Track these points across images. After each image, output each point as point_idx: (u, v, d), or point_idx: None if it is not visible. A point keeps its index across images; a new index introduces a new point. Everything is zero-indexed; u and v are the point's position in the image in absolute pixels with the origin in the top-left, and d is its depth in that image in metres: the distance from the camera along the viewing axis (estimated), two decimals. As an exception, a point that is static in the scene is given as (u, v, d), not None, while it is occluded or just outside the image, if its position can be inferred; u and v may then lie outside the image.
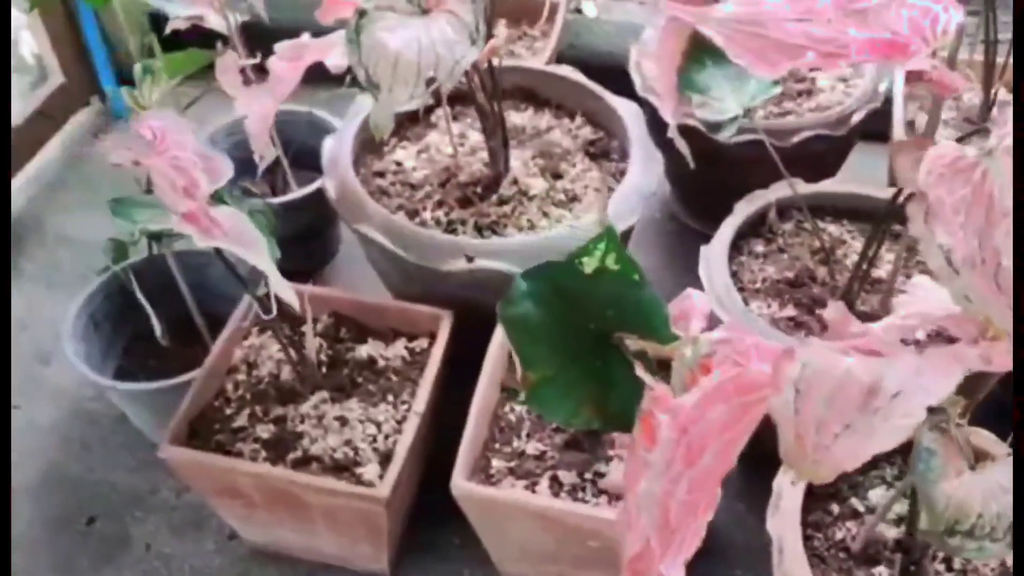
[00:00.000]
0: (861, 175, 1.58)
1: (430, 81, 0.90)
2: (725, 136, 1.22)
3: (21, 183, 1.74)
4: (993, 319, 0.84)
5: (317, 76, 1.15)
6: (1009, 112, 0.82)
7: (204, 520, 1.24)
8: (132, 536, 1.23)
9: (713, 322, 1.21)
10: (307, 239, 1.47)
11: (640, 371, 0.74)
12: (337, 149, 1.27)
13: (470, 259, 1.13)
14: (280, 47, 1.03)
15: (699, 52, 1.28)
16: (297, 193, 1.42)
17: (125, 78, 1.96)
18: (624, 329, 0.78)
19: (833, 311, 0.72)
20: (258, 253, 0.75)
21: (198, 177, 0.71)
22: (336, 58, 0.99)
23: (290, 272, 1.54)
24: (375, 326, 1.17)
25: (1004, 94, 1.48)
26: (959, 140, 0.99)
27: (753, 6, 0.94)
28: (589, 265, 0.75)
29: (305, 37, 1.05)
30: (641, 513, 0.72)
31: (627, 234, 1.24)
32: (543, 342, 0.74)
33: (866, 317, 1.17)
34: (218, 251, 0.99)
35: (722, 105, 1.24)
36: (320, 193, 1.45)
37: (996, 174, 0.81)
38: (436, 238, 1.15)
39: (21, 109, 1.77)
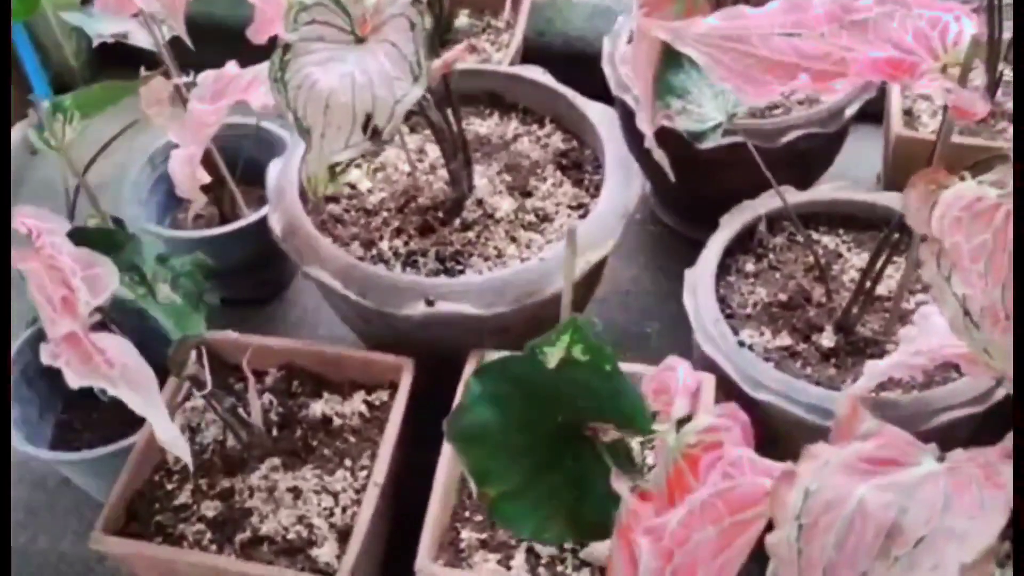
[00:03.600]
0: (853, 163, 1.47)
1: (368, 125, 0.78)
2: (707, 145, 1.11)
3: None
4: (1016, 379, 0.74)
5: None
6: None
7: (159, 587, 1.14)
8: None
9: (699, 359, 1.11)
10: (259, 267, 1.36)
11: (615, 480, 0.63)
12: (283, 177, 1.15)
13: (430, 303, 1.02)
14: (203, 80, 0.91)
15: (677, 53, 1.16)
16: (247, 220, 1.30)
17: (64, 84, 1.83)
18: (599, 418, 0.68)
19: (843, 406, 0.62)
20: (147, 398, 0.63)
21: (77, 287, 0.60)
22: (260, 97, 0.87)
23: (240, 302, 1.46)
24: (331, 378, 1.06)
25: (1010, 74, 1.36)
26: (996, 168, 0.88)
27: (737, 19, 0.83)
28: (553, 356, 0.64)
29: (230, 67, 0.93)
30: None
31: (603, 260, 1.13)
32: (503, 451, 0.64)
33: (868, 343, 1.07)
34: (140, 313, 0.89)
35: (703, 112, 1.12)
36: (273, 217, 1.34)
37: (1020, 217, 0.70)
38: (394, 280, 1.04)
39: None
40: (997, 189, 0.72)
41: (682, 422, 0.70)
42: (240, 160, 1.38)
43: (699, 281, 1.10)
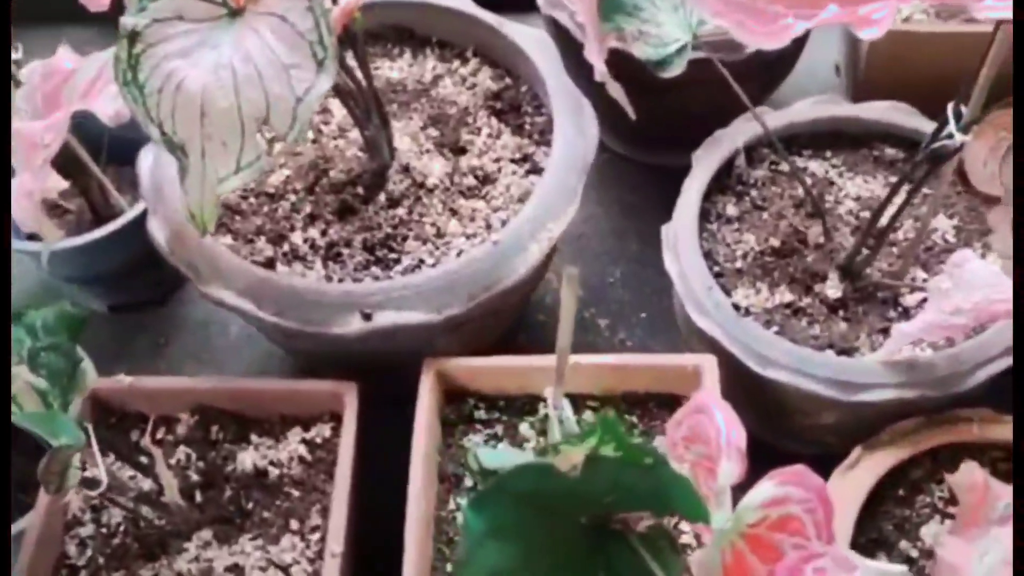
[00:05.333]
0: (806, 56, 1.28)
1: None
2: (674, 72, 0.93)
3: None
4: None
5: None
6: None
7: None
8: None
9: (688, 330, 0.95)
10: (149, 267, 1.13)
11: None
12: (159, 171, 0.92)
13: (367, 316, 0.83)
14: (28, 80, 0.68)
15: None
16: (125, 218, 1.07)
17: None
18: (631, 509, 0.52)
19: (967, 481, 0.46)
20: None
21: None
22: (110, 102, 0.65)
23: (133, 307, 1.23)
24: (257, 415, 0.87)
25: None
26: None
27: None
28: (572, 458, 0.47)
29: (62, 56, 0.70)
30: None
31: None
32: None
33: (879, 287, 0.93)
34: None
35: (662, 32, 0.93)
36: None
37: None
38: (318, 292, 0.84)
39: None
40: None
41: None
42: (105, 137, 1.13)
43: (680, 239, 0.93)
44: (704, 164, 0.99)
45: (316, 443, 0.85)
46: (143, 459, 0.78)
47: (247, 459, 0.84)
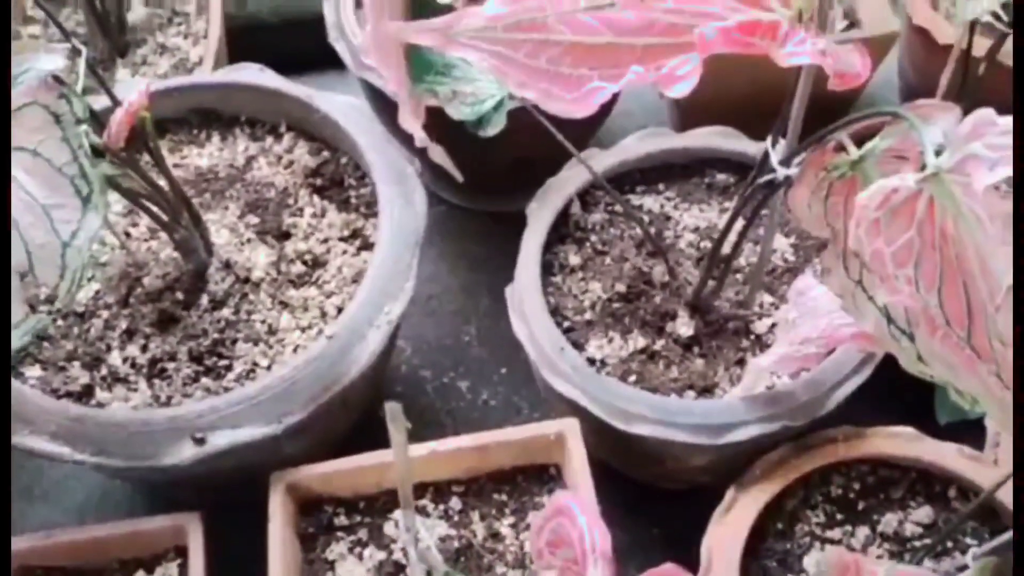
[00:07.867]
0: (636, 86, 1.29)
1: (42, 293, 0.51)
2: (494, 130, 0.90)
3: None
4: (969, 390, 0.60)
5: None
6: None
7: None
8: None
9: (546, 390, 0.91)
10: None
11: None
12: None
13: (200, 440, 0.76)
14: None
15: (425, 12, 0.93)
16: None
17: None
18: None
19: (833, 565, 0.44)
20: None
21: None
22: None
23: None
24: (91, 566, 0.78)
25: None
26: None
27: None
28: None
29: None
30: None
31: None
32: None
33: (729, 318, 0.92)
34: None
35: (477, 88, 0.90)
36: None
37: (946, 200, 0.54)
38: (140, 422, 0.77)
39: None
40: (912, 175, 0.55)
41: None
42: None
43: (525, 299, 0.90)
44: (539, 216, 0.96)
45: (163, 585, 0.78)
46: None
47: (86, 620, 0.75)
